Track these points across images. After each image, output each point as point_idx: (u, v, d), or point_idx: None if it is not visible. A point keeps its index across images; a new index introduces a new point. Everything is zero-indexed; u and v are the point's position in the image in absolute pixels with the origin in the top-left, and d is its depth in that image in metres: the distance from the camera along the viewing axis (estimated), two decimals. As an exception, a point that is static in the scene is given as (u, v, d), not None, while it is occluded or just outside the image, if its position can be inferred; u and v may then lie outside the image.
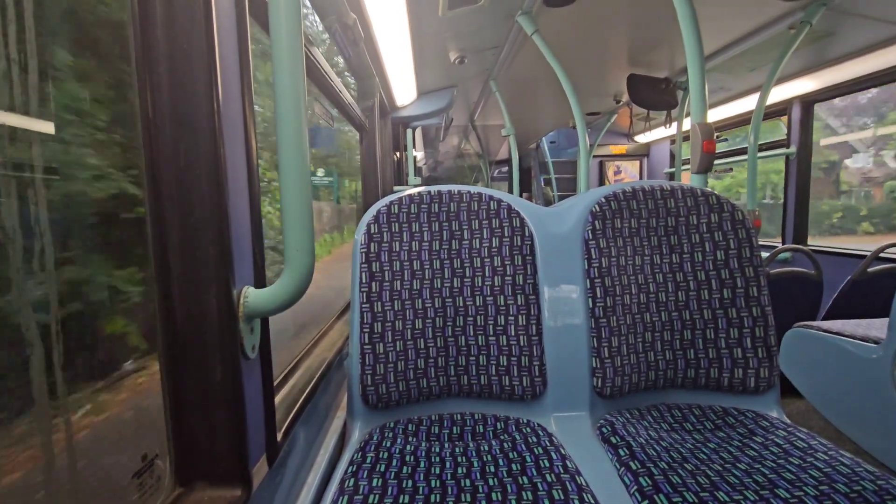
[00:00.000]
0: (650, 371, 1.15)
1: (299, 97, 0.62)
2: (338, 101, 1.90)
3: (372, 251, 1.16)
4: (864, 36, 2.47)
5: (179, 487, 0.63)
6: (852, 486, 0.76)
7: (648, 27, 2.63)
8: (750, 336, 1.14)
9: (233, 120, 0.65)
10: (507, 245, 1.19)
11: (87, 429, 0.65)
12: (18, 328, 0.49)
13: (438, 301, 1.17)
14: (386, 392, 1.10)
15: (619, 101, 4.26)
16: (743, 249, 1.17)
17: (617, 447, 0.94)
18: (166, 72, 0.58)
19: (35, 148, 0.53)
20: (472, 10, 2.20)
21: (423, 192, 1.23)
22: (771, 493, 0.77)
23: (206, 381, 0.62)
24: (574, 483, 0.82)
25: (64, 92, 0.59)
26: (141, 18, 0.57)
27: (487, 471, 0.88)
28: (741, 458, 0.89)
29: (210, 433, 0.63)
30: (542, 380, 1.12)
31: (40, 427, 0.53)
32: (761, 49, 2.75)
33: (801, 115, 3.22)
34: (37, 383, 0.51)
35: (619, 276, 1.17)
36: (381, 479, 0.84)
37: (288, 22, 0.60)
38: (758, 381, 1.13)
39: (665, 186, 1.24)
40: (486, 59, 3.03)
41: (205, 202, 0.60)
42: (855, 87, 2.83)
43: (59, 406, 0.56)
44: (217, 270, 0.61)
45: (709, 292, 1.17)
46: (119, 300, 0.70)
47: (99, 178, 0.66)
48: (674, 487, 0.79)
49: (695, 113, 1.61)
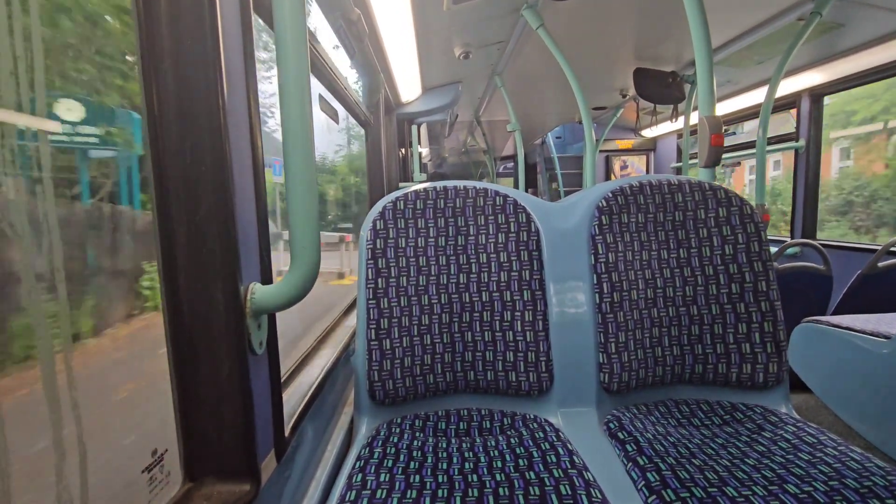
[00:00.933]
0: (657, 366, 1.15)
1: (304, 94, 0.62)
2: (342, 97, 1.90)
3: (378, 247, 1.16)
4: (876, 27, 2.42)
5: (189, 482, 0.63)
6: (862, 482, 0.76)
7: (655, 20, 2.60)
8: (758, 331, 1.13)
9: (238, 116, 0.65)
10: (514, 241, 1.19)
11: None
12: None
13: (445, 297, 1.17)
14: (393, 388, 1.10)
15: (625, 95, 4.23)
16: (752, 244, 1.16)
17: (624, 442, 0.94)
18: (171, 69, 0.58)
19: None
20: (477, 4, 2.18)
21: (428, 188, 1.23)
22: (780, 488, 0.76)
23: (215, 376, 0.63)
24: (581, 478, 0.82)
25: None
26: (145, 15, 0.57)
27: (495, 466, 0.88)
28: (750, 454, 0.89)
29: (219, 428, 0.63)
30: (548, 375, 1.12)
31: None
32: (769, 41, 2.71)
33: (810, 108, 3.17)
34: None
35: (625, 271, 1.16)
36: (388, 474, 0.85)
37: (292, 18, 0.60)
38: (766, 377, 1.12)
39: (672, 181, 1.23)
40: (492, 54, 3.01)
41: (211, 199, 0.60)
42: (866, 78, 2.79)
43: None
44: (224, 267, 0.61)
45: (717, 287, 1.17)
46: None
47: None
48: (682, 483, 0.79)
49: (703, 106, 1.59)
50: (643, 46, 3.02)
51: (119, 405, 0.96)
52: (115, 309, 0.89)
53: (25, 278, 0.51)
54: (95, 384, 0.83)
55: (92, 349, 0.82)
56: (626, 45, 3.03)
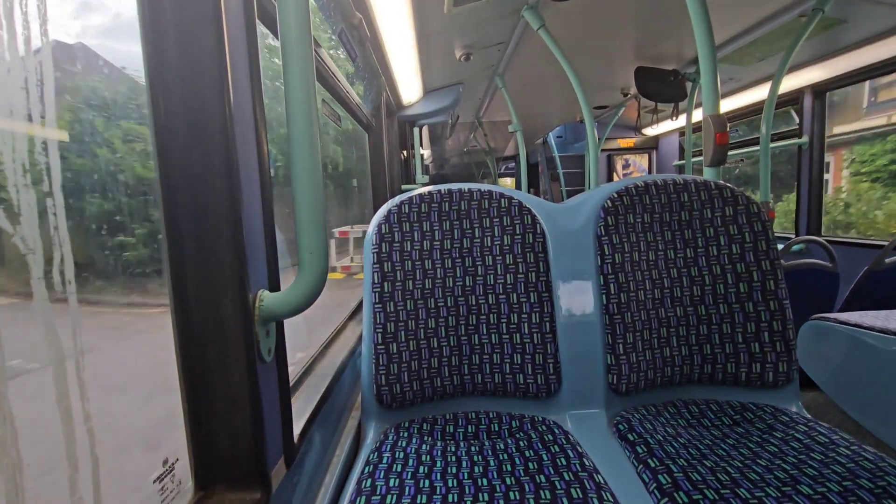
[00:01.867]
0: (666, 367, 1.14)
1: (310, 100, 0.62)
2: (345, 101, 1.90)
3: (383, 251, 1.16)
4: (878, 22, 2.41)
5: (200, 491, 0.63)
6: (876, 482, 0.75)
7: (655, 19, 2.59)
8: (767, 330, 1.12)
9: (244, 124, 0.65)
10: (519, 242, 1.19)
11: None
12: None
13: (451, 300, 1.17)
14: (400, 392, 1.10)
15: (626, 94, 4.22)
16: (759, 242, 1.16)
17: (634, 444, 0.94)
18: (178, 78, 0.58)
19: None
20: (478, 5, 2.18)
21: (432, 190, 1.23)
22: (793, 489, 0.76)
23: (224, 384, 0.63)
24: (592, 481, 0.81)
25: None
26: (151, 25, 0.57)
27: (504, 470, 0.87)
28: (761, 454, 0.88)
29: (229, 436, 0.63)
30: (556, 377, 1.11)
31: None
32: (772, 38, 2.70)
33: (813, 105, 3.16)
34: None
35: (632, 271, 1.16)
36: (397, 479, 0.85)
37: (297, 24, 0.60)
38: (776, 376, 1.11)
39: (678, 180, 1.22)
40: (492, 55, 3.01)
41: (218, 207, 0.60)
42: (868, 74, 2.77)
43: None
44: (232, 275, 0.61)
45: (724, 287, 1.16)
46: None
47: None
48: (693, 484, 0.78)
49: (707, 105, 1.58)
50: (644, 45, 3.01)
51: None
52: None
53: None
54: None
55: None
56: (626, 44, 3.02)
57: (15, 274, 0.46)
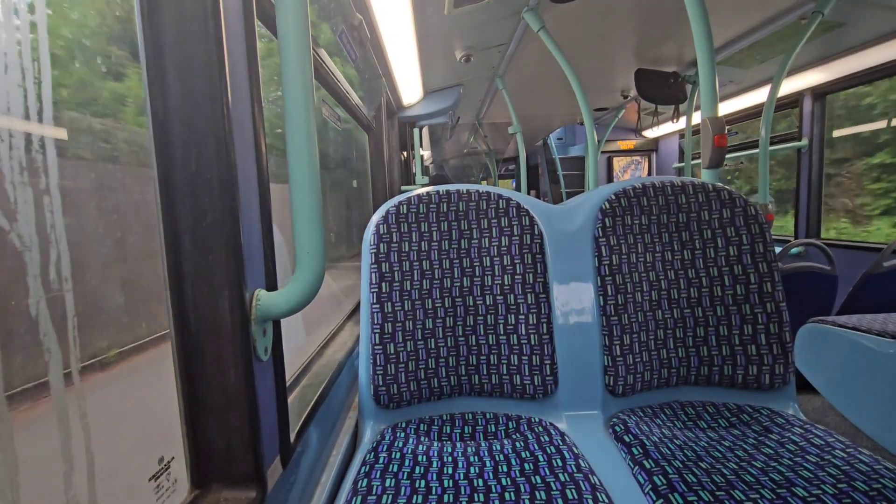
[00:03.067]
0: (663, 369, 1.14)
1: (308, 100, 0.62)
2: (345, 102, 1.90)
3: (381, 252, 1.16)
4: (878, 25, 2.42)
5: (196, 489, 0.63)
6: (871, 484, 0.75)
7: (656, 21, 2.60)
8: (764, 332, 1.13)
9: (242, 124, 0.65)
10: (517, 243, 1.19)
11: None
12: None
13: (448, 300, 1.17)
14: (397, 392, 1.10)
15: (626, 96, 4.23)
16: (756, 245, 1.16)
17: (630, 446, 0.94)
18: (176, 77, 0.58)
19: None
20: (478, 7, 2.19)
21: (431, 191, 1.23)
22: (788, 491, 0.76)
23: (220, 383, 0.63)
24: (588, 482, 0.82)
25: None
26: (150, 24, 0.57)
27: (500, 470, 0.87)
28: (757, 456, 0.88)
29: (225, 435, 0.64)
30: (553, 378, 1.12)
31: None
32: (771, 41, 2.71)
33: (812, 107, 3.17)
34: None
35: (630, 273, 1.16)
36: (394, 479, 0.85)
37: (296, 24, 0.60)
38: (773, 378, 1.11)
39: (676, 182, 1.22)
40: (493, 56, 3.02)
41: (216, 206, 0.60)
42: (868, 77, 2.78)
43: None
44: (229, 274, 0.61)
45: (721, 288, 1.16)
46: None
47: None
48: (689, 486, 0.79)
49: (705, 107, 1.58)
50: (644, 47, 3.02)
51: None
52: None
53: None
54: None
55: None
56: (627, 46, 3.03)
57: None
